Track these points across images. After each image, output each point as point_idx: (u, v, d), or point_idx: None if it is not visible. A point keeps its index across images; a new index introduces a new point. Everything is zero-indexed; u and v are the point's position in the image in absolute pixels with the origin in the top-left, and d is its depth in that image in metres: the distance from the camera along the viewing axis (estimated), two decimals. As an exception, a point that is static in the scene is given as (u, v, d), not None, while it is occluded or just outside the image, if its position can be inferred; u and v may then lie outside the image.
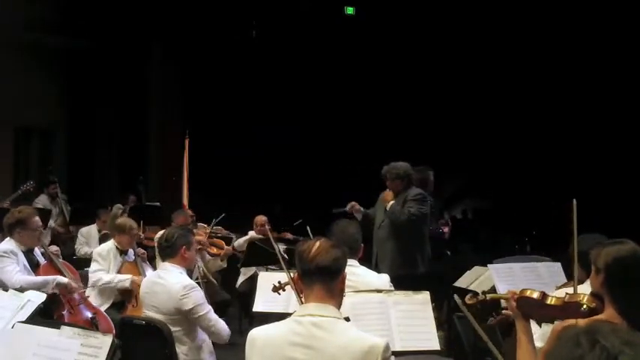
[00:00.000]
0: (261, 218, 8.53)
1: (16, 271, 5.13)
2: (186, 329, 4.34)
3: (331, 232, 4.11)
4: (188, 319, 4.34)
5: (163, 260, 4.60)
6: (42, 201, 9.87)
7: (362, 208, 6.78)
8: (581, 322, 2.50)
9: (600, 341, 1.45)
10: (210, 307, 4.43)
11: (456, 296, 3.16)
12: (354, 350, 2.44)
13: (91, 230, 8.67)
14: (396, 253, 6.52)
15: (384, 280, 4.17)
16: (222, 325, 4.43)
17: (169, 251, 4.51)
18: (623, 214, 9.03)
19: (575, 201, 3.02)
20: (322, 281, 2.56)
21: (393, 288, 4.24)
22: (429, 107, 11.50)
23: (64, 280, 5.27)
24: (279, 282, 3.92)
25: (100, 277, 5.95)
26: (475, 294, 3.28)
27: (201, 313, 4.33)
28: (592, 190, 10.00)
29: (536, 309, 2.93)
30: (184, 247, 4.49)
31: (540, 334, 3.20)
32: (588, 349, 1.44)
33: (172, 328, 4.30)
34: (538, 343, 3.09)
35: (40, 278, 5.20)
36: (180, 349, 4.30)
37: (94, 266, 6.07)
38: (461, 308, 3.09)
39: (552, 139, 10.74)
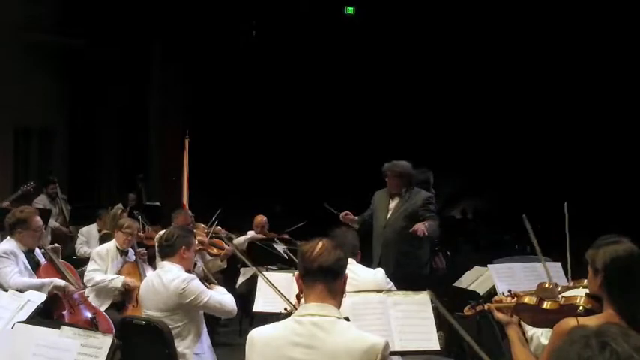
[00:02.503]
0: (261, 218, 8.53)
1: (14, 272, 5.12)
2: (187, 324, 4.37)
3: (331, 238, 4.11)
4: (190, 312, 4.36)
5: (162, 259, 4.62)
6: (42, 201, 9.87)
7: (356, 217, 6.57)
8: (582, 320, 2.50)
9: (611, 344, 1.44)
10: (210, 290, 4.47)
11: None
12: (354, 349, 2.45)
13: (91, 230, 8.67)
14: (402, 253, 6.50)
15: (379, 275, 4.20)
16: (227, 302, 4.48)
17: (168, 250, 4.52)
18: (621, 214, 9.03)
19: (566, 204, 3.05)
20: (324, 281, 2.56)
21: (390, 282, 4.26)
22: (429, 107, 11.50)
23: (61, 282, 5.25)
24: (285, 309, 3.75)
25: (92, 276, 5.94)
26: (472, 305, 3.27)
27: (205, 300, 4.36)
28: (591, 190, 10.02)
29: (534, 314, 2.93)
30: (184, 247, 4.50)
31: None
32: (598, 351, 1.44)
33: (173, 324, 4.31)
34: (542, 340, 3.08)
35: (37, 281, 5.18)
36: (182, 345, 4.32)
37: (90, 266, 6.07)
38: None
39: (552, 139, 10.74)
